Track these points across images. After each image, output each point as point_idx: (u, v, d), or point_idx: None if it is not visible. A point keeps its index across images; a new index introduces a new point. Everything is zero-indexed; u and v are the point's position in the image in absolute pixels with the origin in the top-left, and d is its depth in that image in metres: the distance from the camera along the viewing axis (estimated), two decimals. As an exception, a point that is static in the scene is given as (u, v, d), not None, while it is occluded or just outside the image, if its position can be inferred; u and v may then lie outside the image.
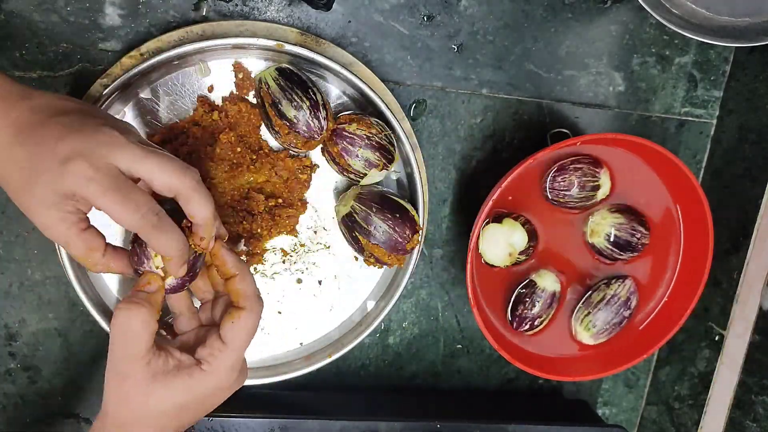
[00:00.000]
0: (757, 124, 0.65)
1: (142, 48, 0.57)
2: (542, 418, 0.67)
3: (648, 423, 0.76)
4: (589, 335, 0.66)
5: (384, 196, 0.58)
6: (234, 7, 0.60)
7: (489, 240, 0.62)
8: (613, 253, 0.65)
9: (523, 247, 0.62)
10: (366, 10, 0.62)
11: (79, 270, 0.58)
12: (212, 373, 0.47)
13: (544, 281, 0.64)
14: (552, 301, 0.64)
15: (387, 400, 0.70)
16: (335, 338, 0.65)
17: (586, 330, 0.65)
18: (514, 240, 0.62)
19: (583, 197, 0.63)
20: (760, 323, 0.63)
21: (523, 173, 0.59)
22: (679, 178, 0.62)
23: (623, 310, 0.65)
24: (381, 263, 0.59)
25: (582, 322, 0.66)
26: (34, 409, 0.66)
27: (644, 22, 0.66)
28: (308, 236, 0.63)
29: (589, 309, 0.65)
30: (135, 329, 0.45)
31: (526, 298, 0.64)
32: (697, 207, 0.63)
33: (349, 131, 0.57)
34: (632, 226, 0.64)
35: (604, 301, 0.65)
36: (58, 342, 0.64)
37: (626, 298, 0.65)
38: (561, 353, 0.67)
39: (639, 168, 0.65)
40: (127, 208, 0.43)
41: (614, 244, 0.64)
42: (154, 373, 0.45)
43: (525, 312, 0.64)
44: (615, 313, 0.65)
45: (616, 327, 0.65)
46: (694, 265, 0.65)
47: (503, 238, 0.62)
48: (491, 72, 0.65)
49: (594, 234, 0.65)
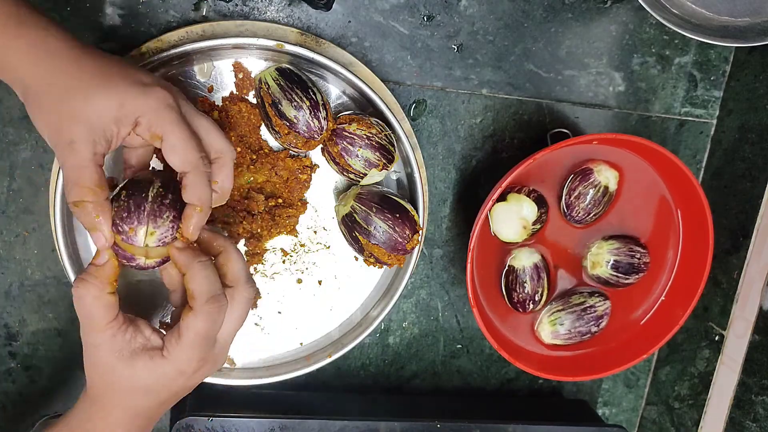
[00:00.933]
0: (757, 124, 0.65)
1: (142, 48, 0.57)
2: (542, 418, 0.68)
3: (648, 423, 0.76)
4: (550, 331, 0.65)
5: (384, 196, 0.58)
6: (234, 7, 0.60)
7: (500, 220, 0.62)
8: (619, 279, 0.65)
9: (535, 217, 0.62)
10: (366, 10, 0.62)
11: (78, 270, 0.58)
12: (171, 360, 0.47)
13: (520, 261, 0.64)
14: (539, 273, 0.64)
15: (387, 400, 0.70)
16: (335, 338, 0.65)
17: (551, 324, 0.65)
18: (524, 213, 0.62)
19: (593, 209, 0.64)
20: (760, 323, 0.63)
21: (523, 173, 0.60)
22: (679, 178, 0.62)
23: (592, 325, 0.65)
24: (381, 263, 0.59)
25: (551, 316, 0.65)
26: (34, 409, 0.66)
27: (644, 22, 0.66)
28: (308, 236, 0.63)
29: (564, 307, 0.65)
30: (87, 303, 0.45)
31: (514, 284, 0.64)
32: (697, 207, 0.63)
33: (349, 131, 0.57)
34: (629, 248, 0.64)
35: (580, 307, 0.65)
36: (58, 342, 0.64)
37: (600, 315, 0.65)
38: (560, 353, 0.67)
39: (639, 168, 0.65)
40: (193, 144, 0.46)
41: (616, 268, 0.64)
42: (119, 348, 0.46)
43: (520, 295, 0.64)
44: (585, 323, 0.65)
45: (577, 336, 0.65)
46: (694, 265, 0.65)
47: (513, 215, 0.61)
48: (491, 72, 0.65)
49: (596, 265, 0.65)
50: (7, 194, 0.60)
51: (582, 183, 0.63)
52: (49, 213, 0.57)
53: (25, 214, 0.61)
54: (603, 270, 0.65)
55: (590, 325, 0.65)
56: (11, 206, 0.61)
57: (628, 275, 0.65)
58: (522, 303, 0.64)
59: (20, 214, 0.61)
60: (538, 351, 0.67)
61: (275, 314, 0.64)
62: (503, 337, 0.65)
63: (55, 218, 0.56)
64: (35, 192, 0.61)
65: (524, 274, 0.64)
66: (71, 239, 0.58)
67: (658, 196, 0.66)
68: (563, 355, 0.67)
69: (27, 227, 0.61)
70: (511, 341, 0.66)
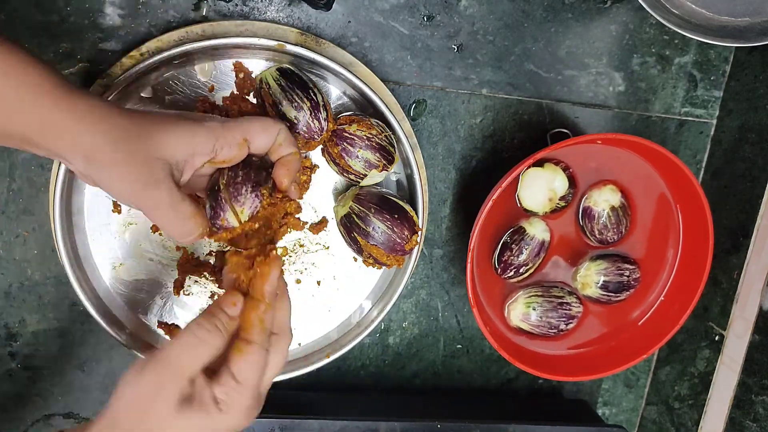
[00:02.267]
0: (757, 124, 0.65)
1: (142, 48, 0.57)
2: (542, 418, 0.67)
3: (648, 423, 0.76)
4: (521, 312, 0.64)
5: (383, 197, 0.58)
6: (234, 7, 0.60)
7: (529, 185, 0.61)
8: (610, 297, 0.65)
9: (564, 193, 0.62)
10: (366, 10, 0.62)
11: (78, 270, 0.58)
12: (229, 414, 0.42)
13: (534, 228, 0.63)
14: (540, 250, 0.63)
15: (387, 400, 0.70)
16: (334, 339, 0.65)
17: (525, 306, 0.64)
18: (556, 185, 0.61)
19: None
20: (760, 323, 0.63)
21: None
22: (679, 178, 0.62)
23: (563, 322, 0.64)
24: (379, 264, 0.59)
25: (528, 298, 0.64)
26: (34, 409, 0.66)
27: (644, 22, 0.66)
28: (307, 236, 0.63)
29: (543, 294, 0.64)
30: (200, 352, 0.42)
31: (513, 245, 0.63)
32: (697, 207, 0.63)
33: (350, 132, 0.57)
34: (617, 266, 0.64)
35: (558, 300, 0.64)
36: (58, 342, 0.64)
37: (572, 315, 0.65)
38: (560, 352, 0.67)
39: (639, 168, 0.65)
40: (265, 119, 0.50)
41: (605, 288, 0.64)
42: (184, 398, 0.41)
43: (511, 258, 0.63)
44: (557, 317, 0.64)
45: (545, 327, 0.64)
46: (694, 265, 0.65)
47: (544, 183, 0.61)
48: (491, 72, 0.65)
49: (585, 286, 0.65)
50: (7, 194, 0.60)
51: (589, 220, 0.64)
52: (49, 213, 0.57)
53: (25, 214, 0.61)
54: (593, 290, 0.65)
55: (561, 321, 0.64)
56: (11, 206, 0.61)
57: (619, 293, 0.65)
58: (507, 266, 0.63)
59: (20, 214, 0.61)
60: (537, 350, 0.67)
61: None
62: (503, 337, 0.65)
63: (55, 218, 0.56)
64: (35, 192, 0.61)
65: (530, 242, 0.63)
66: (71, 239, 0.58)
67: (658, 196, 0.66)
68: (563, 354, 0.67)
69: (27, 227, 0.61)
70: (511, 341, 0.66)
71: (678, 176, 0.62)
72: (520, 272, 0.63)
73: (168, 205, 0.46)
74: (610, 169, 0.64)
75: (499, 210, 0.63)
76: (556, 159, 0.63)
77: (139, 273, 0.61)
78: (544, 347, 0.67)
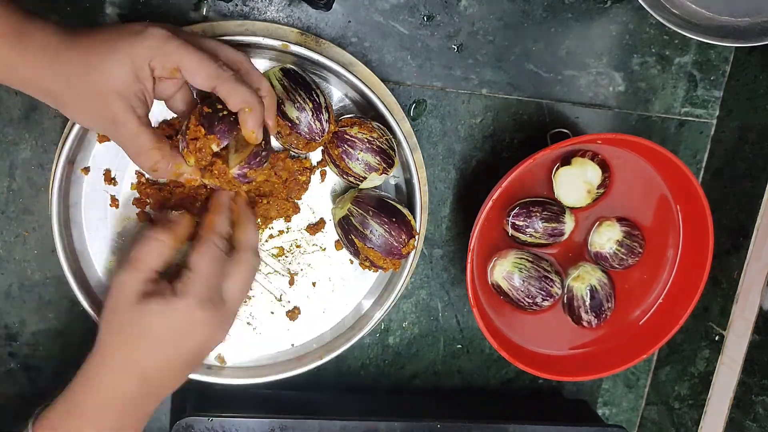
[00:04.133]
0: (757, 124, 0.65)
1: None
2: (542, 418, 0.67)
3: (648, 423, 0.76)
4: (507, 270, 0.62)
5: (381, 200, 0.58)
6: (234, 7, 0.60)
7: (564, 184, 0.62)
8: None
9: (600, 181, 0.62)
10: (366, 10, 0.62)
11: (78, 270, 0.58)
12: (184, 299, 0.48)
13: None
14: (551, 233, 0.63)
15: (387, 400, 0.70)
16: (327, 340, 0.64)
17: (512, 266, 0.62)
18: (589, 177, 0.62)
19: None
20: (760, 323, 0.63)
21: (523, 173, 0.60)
22: (679, 178, 0.62)
23: (541, 295, 0.62)
24: (376, 267, 0.59)
25: (518, 259, 0.63)
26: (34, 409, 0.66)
27: (644, 22, 0.66)
28: (304, 237, 0.63)
29: (533, 262, 0.63)
30: (152, 249, 0.49)
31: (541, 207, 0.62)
32: (697, 207, 0.63)
33: (351, 134, 0.57)
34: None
35: (544, 272, 0.63)
36: (58, 342, 0.64)
37: (551, 293, 0.63)
38: (560, 352, 0.67)
39: (639, 168, 0.65)
40: (206, 58, 0.46)
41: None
42: (142, 290, 0.48)
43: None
44: (538, 288, 0.62)
45: (522, 294, 0.62)
46: (694, 265, 0.65)
47: (578, 179, 0.62)
48: (491, 72, 0.65)
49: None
50: (7, 194, 0.60)
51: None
52: (49, 213, 0.57)
53: (25, 214, 0.61)
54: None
55: (540, 293, 0.62)
56: (11, 206, 0.61)
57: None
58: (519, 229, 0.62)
59: (20, 214, 0.61)
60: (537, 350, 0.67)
61: (268, 314, 0.64)
62: (503, 337, 0.65)
63: (55, 218, 0.56)
64: (35, 192, 0.61)
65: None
66: (70, 239, 0.58)
67: (658, 196, 0.66)
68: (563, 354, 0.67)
69: (27, 227, 0.61)
70: (511, 341, 0.66)
71: (678, 176, 0.62)
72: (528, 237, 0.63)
73: (129, 139, 0.48)
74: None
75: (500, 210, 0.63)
76: (582, 150, 0.63)
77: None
78: (544, 347, 0.67)
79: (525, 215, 0.62)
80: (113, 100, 0.45)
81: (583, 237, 0.66)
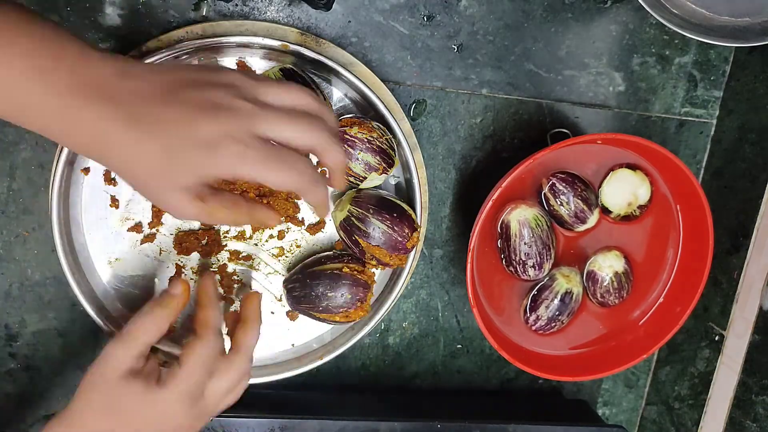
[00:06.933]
0: (757, 124, 0.65)
1: (142, 48, 0.57)
2: (542, 418, 0.67)
3: (648, 423, 0.76)
4: (525, 217, 0.62)
5: (380, 197, 0.58)
6: (234, 7, 0.60)
7: (615, 184, 0.63)
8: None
9: (645, 203, 0.64)
10: (366, 10, 0.62)
11: (78, 271, 0.58)
12: (164, 390, 0.48)
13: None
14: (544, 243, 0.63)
15: (387, 400, 0.70)
16: (327, 341, 0.64)
17: (534, 219, 0.62)
18: (640, 192, 0.63)
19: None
20: (760, 323, 0.63)
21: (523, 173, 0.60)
22: (679, 178, 0.62)
23: (534, 261, 0.63)
24: (383, 265, 0.59)
25: (542, 217, 0.63)
26: (34, 409, 0.66)
27: (644, 22, 0.66)
28: (304, 237, 0.63)
29: (549, 230, 0.63)
30: (156, 325, 0.50)
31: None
32: (698, 207, 0.63)
33: (351, 134, 0.57)
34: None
35: (549, 243, 0.63)
36: (58, 342, 0.64)
37: (544, 269, 0.63)
38: (560, 352, 0.67)
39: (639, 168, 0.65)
40: (287, 173, 0.42)
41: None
42: (130, 367, 0.49)
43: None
44: (538, 251, 0.62)
45: (520, 254, 0.62)
46: (694, 265, 0.65)
47: (630, 187, 0.63)
48: (491, 72, 0.65)
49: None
50: (7, 194, 0.60)
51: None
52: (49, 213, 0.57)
53: (25, 214, 0.61)
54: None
55: (535, 258, 0.62)
56: (11, 206, 0.61)
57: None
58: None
59: (20, 214, 0.61)
60: (537, 350, 0.67)
61: (268, 314, 0.64)
62: (503, 337, 0.65)
63: (55, 218, 0.56)
64: (35, 192, 0.61)
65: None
66: (71, 239, 0.58)
67: (658, 196, 0.66)
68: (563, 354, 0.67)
69: (27, 227, 0.61)
70: (511, 341, 0.66)
71: (678, 176, 0.62)
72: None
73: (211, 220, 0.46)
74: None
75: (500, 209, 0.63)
76: (647, 169, 0.64)
77: (135, 269, 0.61)
78: (544, 347, 0.67)
79: (569, 183, 0.62)
80: (175, 196, 0.43)
81: (584, 250, 0.66)
